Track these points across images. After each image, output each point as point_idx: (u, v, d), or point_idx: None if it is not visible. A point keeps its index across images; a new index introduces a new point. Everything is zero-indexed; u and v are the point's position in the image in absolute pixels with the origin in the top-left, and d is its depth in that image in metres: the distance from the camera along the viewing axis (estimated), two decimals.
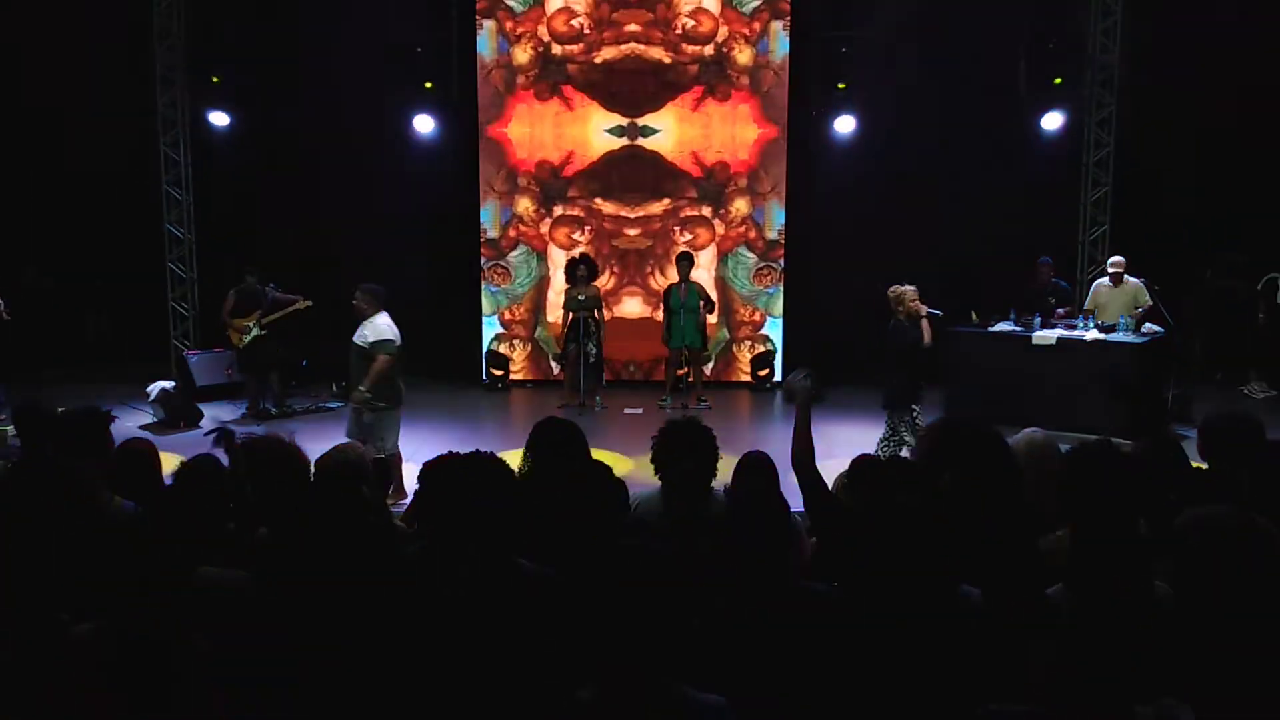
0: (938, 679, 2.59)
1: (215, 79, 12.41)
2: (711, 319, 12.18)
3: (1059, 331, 10.39)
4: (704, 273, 12.71)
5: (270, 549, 3.32)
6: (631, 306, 13.02)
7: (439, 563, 2.89)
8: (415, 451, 8.42)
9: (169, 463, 4.38)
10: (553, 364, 12.92)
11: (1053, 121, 12.32)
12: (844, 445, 6.37)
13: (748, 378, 13.02)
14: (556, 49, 12.75)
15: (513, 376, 13.11)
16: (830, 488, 4.00)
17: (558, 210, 13.01)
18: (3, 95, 12.64)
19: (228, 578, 3.09)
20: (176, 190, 12.73)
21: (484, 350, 13.08)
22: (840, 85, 12.34)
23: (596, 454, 4.19)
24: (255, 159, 12.81)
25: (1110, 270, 10.81)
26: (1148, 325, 10.49)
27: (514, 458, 3.49)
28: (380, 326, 7.85)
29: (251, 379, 11.31)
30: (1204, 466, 4.16)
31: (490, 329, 13.16)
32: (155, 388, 10.97)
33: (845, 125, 12.49)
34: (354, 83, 12.02)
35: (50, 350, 12.39)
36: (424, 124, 12.58)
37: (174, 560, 2.68)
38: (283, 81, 12.21)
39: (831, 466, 4.14)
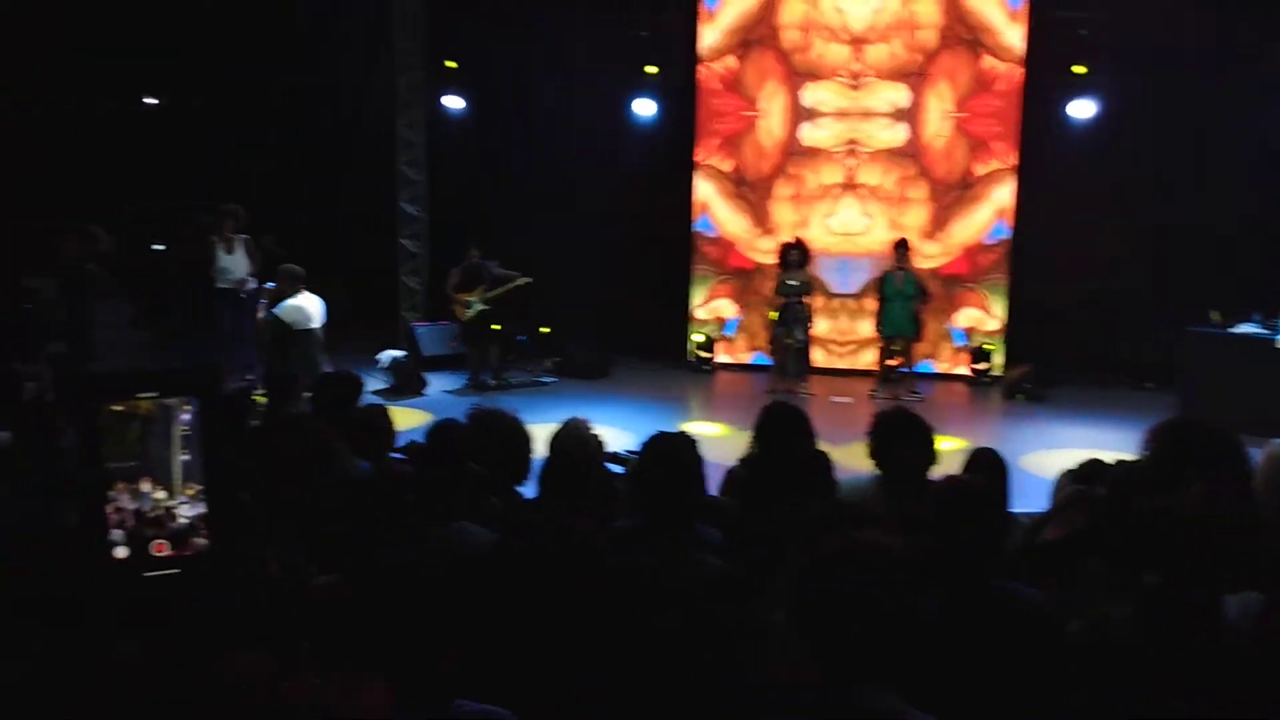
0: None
1: (451, 64, 13.00)
2: (926, 309, 11.81)
3: None
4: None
5: (510, 518, 3.46)
6: None
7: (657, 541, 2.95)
8: (621, 429, 8.61)
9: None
10: (751, 350, 12.91)
11: None
12: (1067, 445, 6.12)
13: (965, 370, 12.60)
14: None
15: (719, 359, 13.19)
16: (1055, 487, 3.85)
17: None
18: (260, 77, 13.66)
19: (484, 537, 3.24)
20: (411, 170, 13.43)
21: (690, 332, 13.20)
22: (1077, 69, 11.70)
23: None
24: (484, 141, 13.36)
25: None
26: None
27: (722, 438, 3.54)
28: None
29: (473, 352, 11.82)
30: None
31: (697, 312, 13.24)
32: (386, 356, 11.65)
33: (1083, 110, 11.81)
34: (579, 66, 12.35)
35: None
36: (644, 107, 12.78)
37: (431, 516, 2.81)
38: (512, 65, 12.68)
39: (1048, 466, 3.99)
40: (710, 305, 13.27)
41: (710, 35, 12.77)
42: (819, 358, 12.47)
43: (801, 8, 12.54)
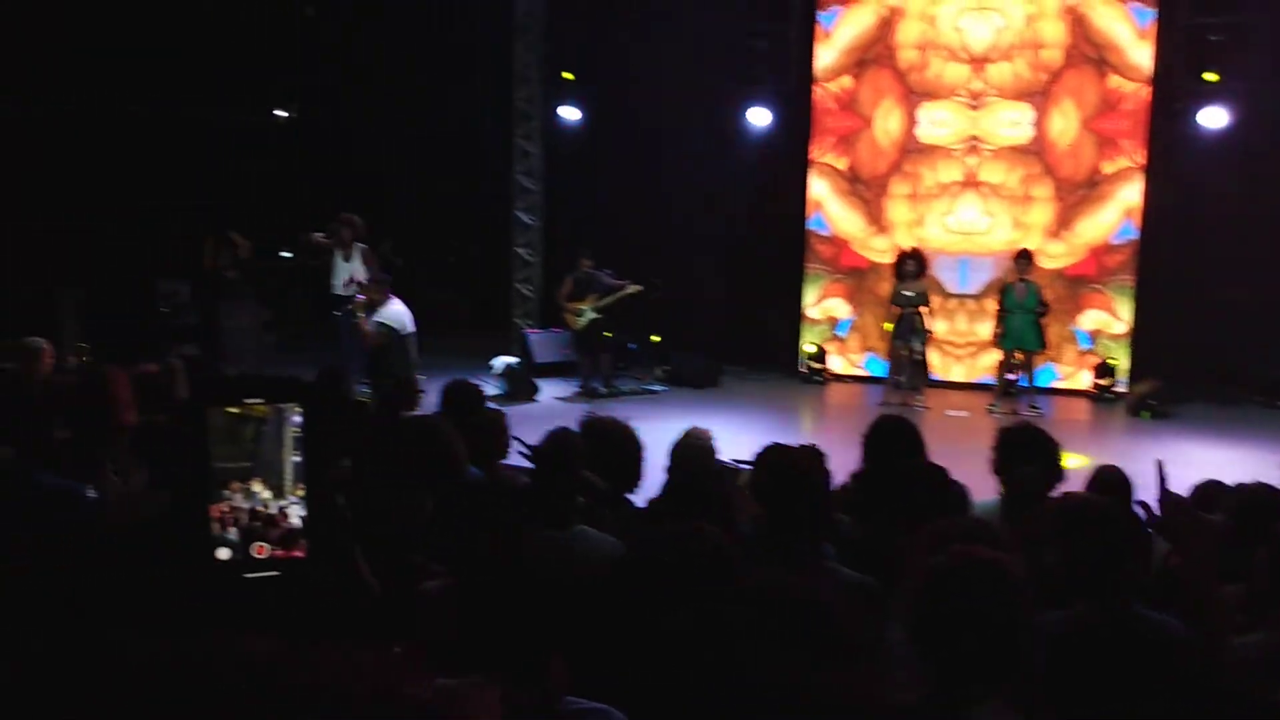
0: None
1: (568, 75, 13.17)
2: (1045, 322, 11.43)
3: None
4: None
5: (635, 525, 3.46)
6: None
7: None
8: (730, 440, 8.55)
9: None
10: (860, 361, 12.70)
11: None
12: (1195, 465, 5.85)
13: (1087, 386, 12.17)
14: None
15: (831, 371, 13.01)
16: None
17: None
18: (380, 89, 14.06)
19: (606, 544, 3.25)
20: (527, 180, 13.63)
21: (802, 335, 13.05)
22: (1209, 76, 11.20)
23: None
24: (599, 151, 13.49)
25: None
26: None
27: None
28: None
29: (584, 359, 11.92)
30: None
31: (810, 311, 13.07)
32: (499, 362, 11.84)
33: (1215, 118, 11.30)
34: (693, 76, 12.37)
35: None
36: (759, 116, 12.72)
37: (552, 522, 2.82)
38: (628, 76, 12.77)
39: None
40: (822, 305, 13.10)
41: (826, 55, 12.67)
42: (935, 360, 12.15)
43: (919, 27, 12.36)
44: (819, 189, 12.92)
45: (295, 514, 1.71)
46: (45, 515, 3.11)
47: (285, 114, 14.75)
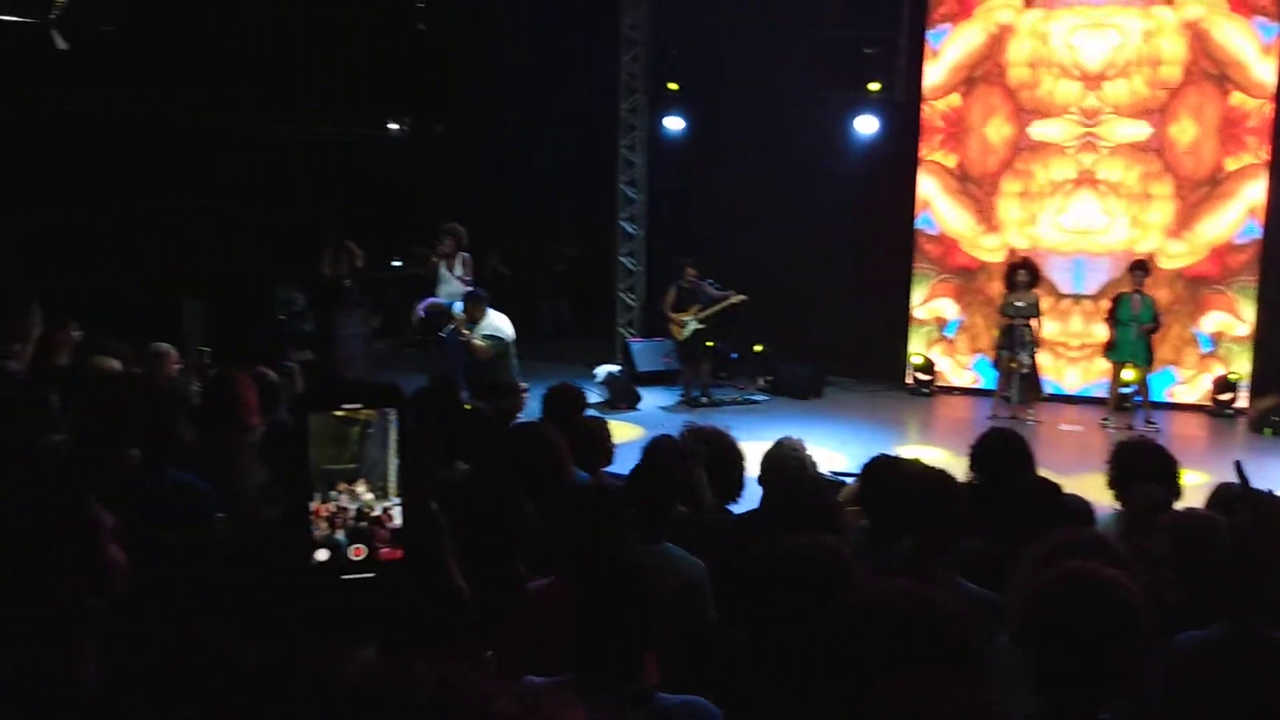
0: None
1: (673, 86, 13.24)
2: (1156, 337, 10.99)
3: None
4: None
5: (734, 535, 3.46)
6: None
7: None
8: (835, 452, 8.48)
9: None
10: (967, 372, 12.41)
11: None
12: None
13: (1205, 396, 11.70)
14: None
15: (939, 382, 12.75)
16: None
17: None
18: (488, 100, 14.33)
19: (686, 563, 3.26)
20: (631, 190, 13.73)
21: (909, 338, 12.82)
22: None
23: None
24: (702, 161, 13.50)
25: None
26: None
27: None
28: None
29: (687, 369, 11.93)
30: None
31: (917, 311, 12.85)
32: (602, 370, 11.94)
33: None
34: (799, 82, 12.30)
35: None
36: (866, 124, 12.57)
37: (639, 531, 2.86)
38: (732, 86, 12.77)
39: None
40: (930, 305, 12.86)
41: (934, 73, 12.47)
42: (1047, 363, 11.77)
43: (1030, 44, 12.08)
44: (927, 187, 12.69)
45: (399, 516, 1.75)
46: (170, 509, 3.25)
47: (396, 126, 15.13)
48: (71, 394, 4.28)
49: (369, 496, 1.72)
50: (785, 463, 3.94)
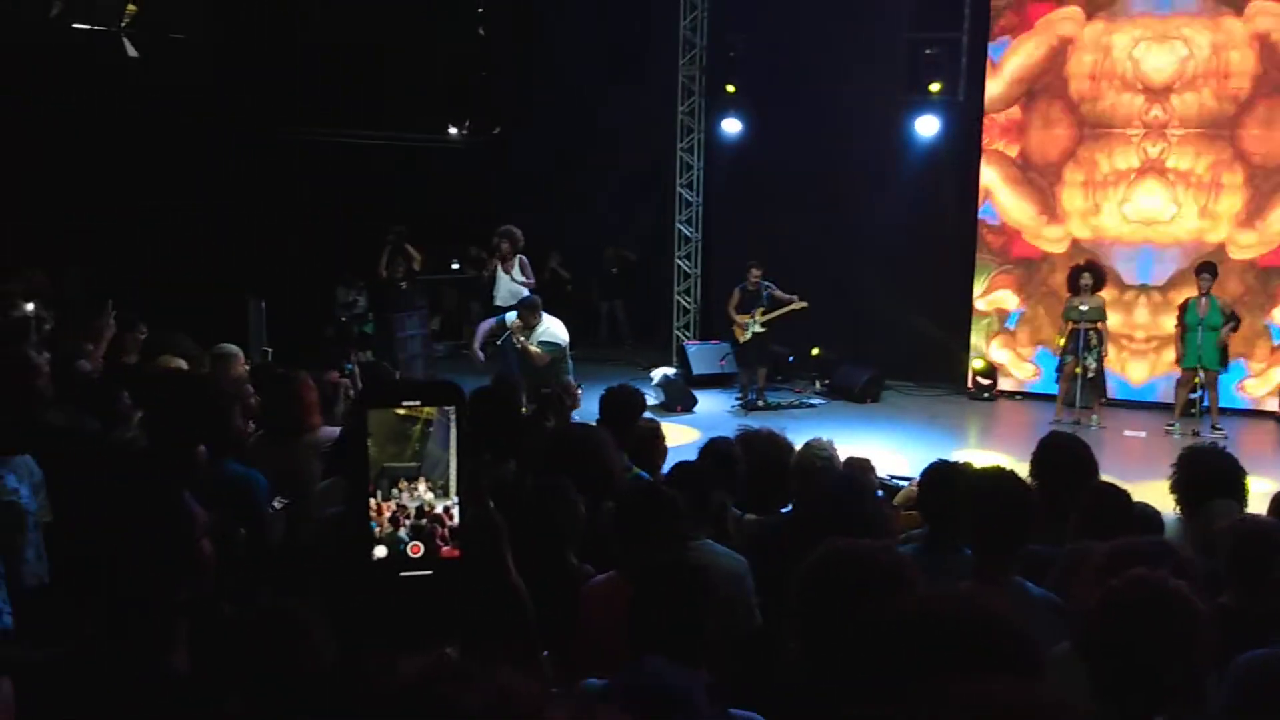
0: None
1: (731, 88, 13.22)
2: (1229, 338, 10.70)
3: None
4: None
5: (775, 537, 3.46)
6: None
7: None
8: (890, 456, 8.41)
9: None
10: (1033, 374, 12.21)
11: None
12: None
13: (1276, 393, 11.38)
14: None
15: (1002, 387, 12.56)
16: None
17: None
18: (541, 105, 14.42)
19: (728, 559, 3.27)
20: (689, 192, 13.73)
21: (972, 357, 12.66)
22: None
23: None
24: (761, 163, 13.44)
25: None
26: None
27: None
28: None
29: (744, 372, 11.89)
30: None
31: (978, 303, 12.67)
32: (658, 373, 11.94)
33: None
34: (857, 83, 12.22)
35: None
36: (927, 126, 12.43)
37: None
38: (789, 87, 12.70)
39: None
40: (991, 296, 12.67)
41: (994, 85, 12.31)
42: (1112, 356, 11.38)
43: (1093, 57, 11.88)
44: (989, 176, 12.52)
45: (458, 515, 1.76)
46: (230, 498, 3.35)
47: (456, 131, 15.27)
48: (139, 392, 4.40)
49: (429, 495, 1.73)
50: (811, 464, 3.92)
